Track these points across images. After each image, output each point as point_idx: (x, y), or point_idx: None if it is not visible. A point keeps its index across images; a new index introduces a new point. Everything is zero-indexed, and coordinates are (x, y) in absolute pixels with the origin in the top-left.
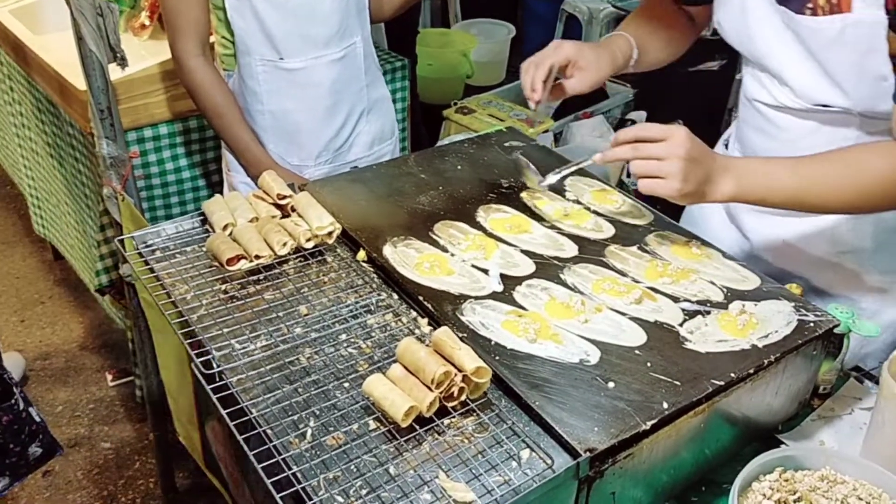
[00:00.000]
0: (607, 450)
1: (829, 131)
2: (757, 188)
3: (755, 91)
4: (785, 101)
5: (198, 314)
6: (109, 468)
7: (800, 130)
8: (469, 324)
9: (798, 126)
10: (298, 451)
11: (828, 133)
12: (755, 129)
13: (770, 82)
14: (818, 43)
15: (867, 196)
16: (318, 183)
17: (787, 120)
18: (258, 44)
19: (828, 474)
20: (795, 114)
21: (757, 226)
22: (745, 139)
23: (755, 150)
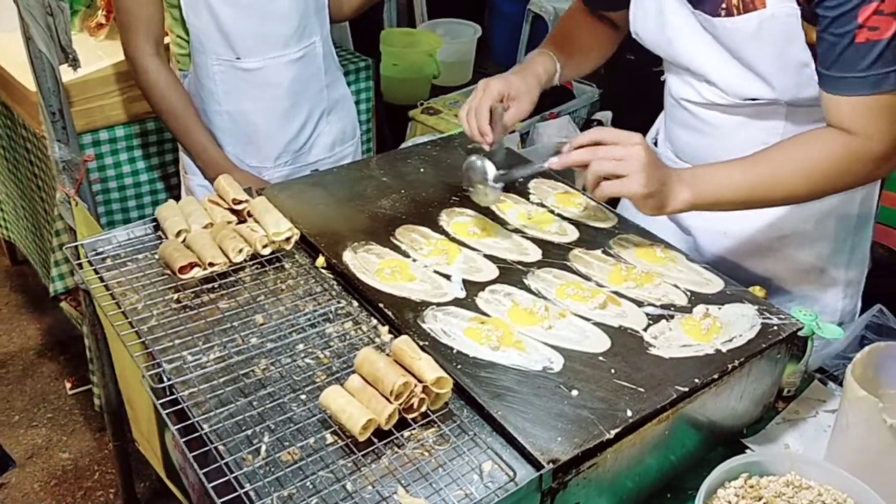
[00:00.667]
0: (571, 460)
1: (758, 124)
2: (711, 193)
3: (681, 91)
4: (713, 98)
5: (148, 325)
6: (68, 479)
7: (729, 125)
8: (430, 331)
9: (727, 122)
10: (251, 469)
11: (757, 126)
12: (685, 127)
13: (696, 82)
14: (737, 41)
15: (815, 186)
16: (276, 187)
17: (716, 116)
18: (214, 43)
19: (793, 479)
20: (724, 110)
21: (698, 220)
22: (675, 138)
23: (686, 147)
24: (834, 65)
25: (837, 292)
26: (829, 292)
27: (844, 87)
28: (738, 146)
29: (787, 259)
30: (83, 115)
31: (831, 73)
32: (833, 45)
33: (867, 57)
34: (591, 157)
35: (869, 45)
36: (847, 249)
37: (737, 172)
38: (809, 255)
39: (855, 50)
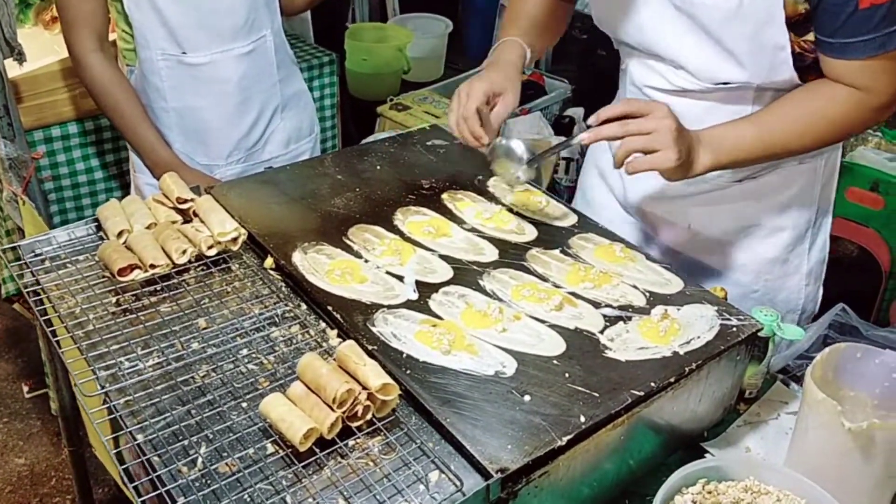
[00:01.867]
0: (521, 469)
1: (725, 109)
2: (728, 153)
3: (646, 78)
4: (682, 83)
5: (85, 329)
6: (23, 485)
7: (696, 113)
8: (380, 335)
9: (694, 108)
10: (185, 481)
11: (723, 112)
12: None
13: (663, 68)
14: (715, 20)
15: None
16: (225, 185)
17: (683, 103)
18: (158, 37)
19: (751, 485)
20: (692, 96)
21: (660, 213)
22: None
23: None
24: (837, 32)
25: (800, 279)
26: (793, 279)
27: (850, 52)
28: None
29: (751, 249)
30: (33, 111)
31: (835, 41)
32: (836, 14)
33: (871, 20)
34: (623, 131)
35: (873, 9)
36: (808, 237)
37: (749, 130)
38: (772, 244)
39: (860, 16)
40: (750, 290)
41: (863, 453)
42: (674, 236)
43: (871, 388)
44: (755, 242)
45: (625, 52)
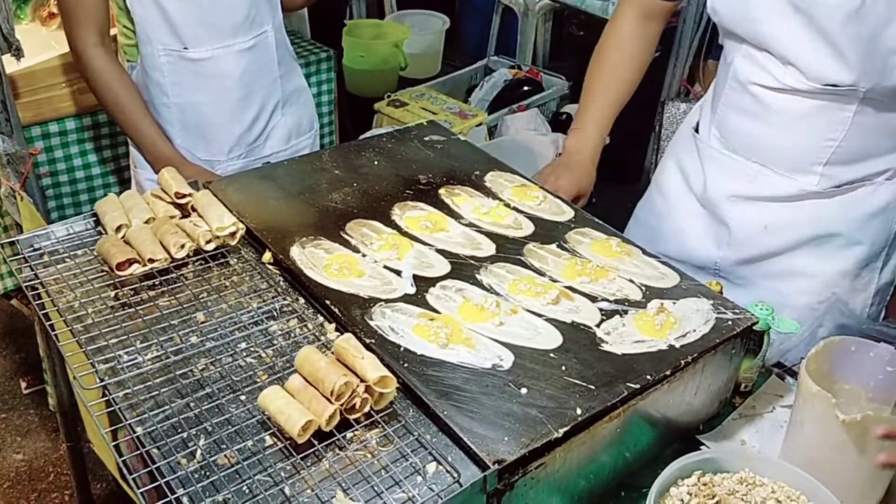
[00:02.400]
0: (517, 460)
1: (826, 115)
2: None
3: (752, 74)
4: (790, 82)
5: (84, 323)
6: (21, 481)
7: (796, 114)
8: (378, 329)
9: (797, 109)
10: (185, 473)
11: (824, 117)
12: (745, 114)
13: (772, 64)
14: (833, 19)
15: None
16: (223, 180)
17: (787, 102)
18: (160, 32)
19: (746, 477)
20: (798, 95)
21: (736, 212)
22: (728, 124)
23: (739, 135)
24: None
25: (867, 298)
26: (860, 297)
27: None
28: (798, 137)
29: (824, 259)
30: (31, 107)
31: None
32: None
33: None
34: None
35: None
36: (884, 255)
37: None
38: (847, 257)
39: None
40: (816, 301)
41: (857, 445)
42: (747, 234)
43: (865, 381)
44: (830, 252)
45: (731, 45)
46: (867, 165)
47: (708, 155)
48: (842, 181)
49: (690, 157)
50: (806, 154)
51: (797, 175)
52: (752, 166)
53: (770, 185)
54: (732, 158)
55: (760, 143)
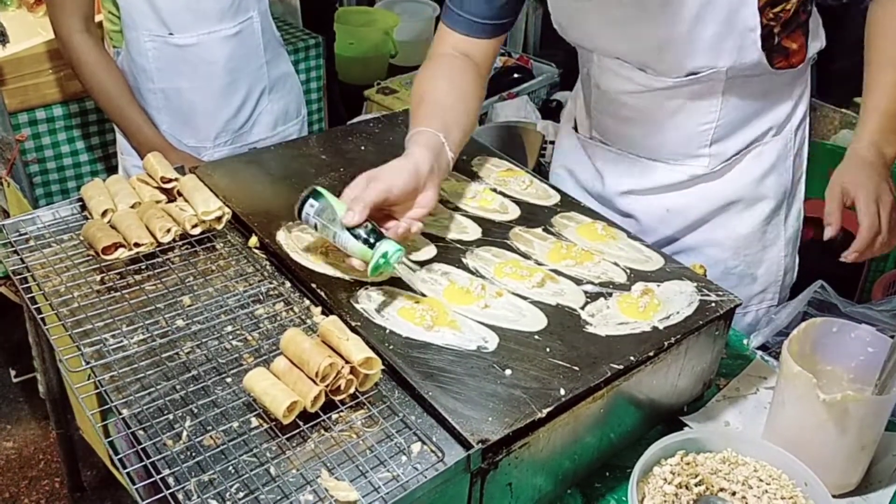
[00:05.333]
0: (501, 440)
1: (695, 105)
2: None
3: (612, 83)
4: (651, 83)
5: (70, 307)
6: (12, 468)
7: (670, 108)
8: (364, 312)
9: (664, 107)
10: (171, 454)
11: (697, 102)
12: (619, 119)
13: (627, 70)
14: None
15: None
16: (209, 165)
17: (652, 102)
18: (145, 18)
19: (729, 456)
20: (661, 93)
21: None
22: (607, 129)
23: (618, 137)
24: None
25: (779, 251)
26: (771, 251)
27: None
28: (677, 130)
29: (730, 226)
30: (17, 94)
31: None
32: None
33: None
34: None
35: None
36: (784, 207)
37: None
38: (750, 218)
39: None
40: (731, 266)
41: (837, 425)
42: (654, 221)
43: (846, 363)
44: (732, 218)
45: (583, 55)
46: (749, 132)
47: (596, 154)
48: (729, 154)
49: (579, 158)
50: (689, 141)
51: (687, 161)
52: (641, 161)
53: (662, 175)
54: (620, 154)
55: (642, 142)
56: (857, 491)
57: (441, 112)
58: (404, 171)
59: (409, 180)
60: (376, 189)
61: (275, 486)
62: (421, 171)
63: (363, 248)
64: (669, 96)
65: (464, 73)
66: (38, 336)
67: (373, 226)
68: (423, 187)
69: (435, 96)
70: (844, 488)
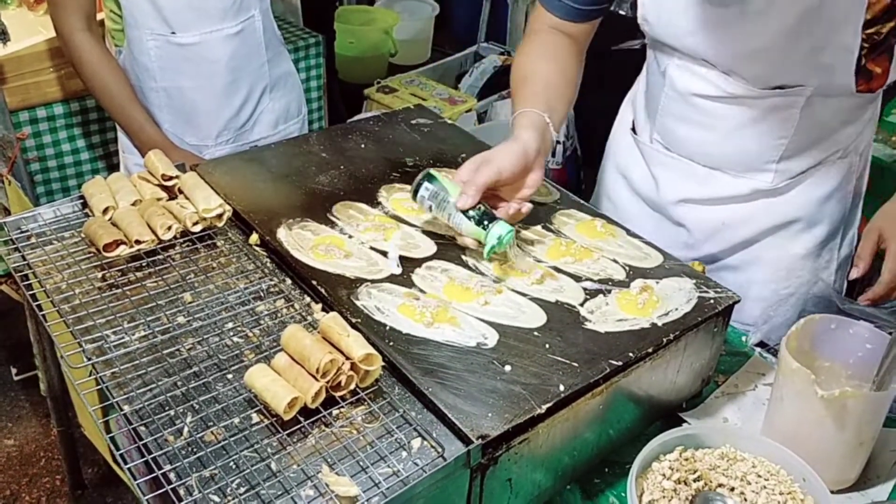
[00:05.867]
0: (501, 436)
1: (776, 114)
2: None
3: (690, 84)
4: (734, 90)
5: (71, 304)
6: (13, 466)
7: (745, 118)
8: (364, 308)
9: (744, 114)
10: (172, 449)
11: (774, 116)
12: (689, 123)
13: (713, 74)
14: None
15: None
16: (210, 163)
17: (733, 109)
18: (147, 17)
19: (728, 452)
20: (742, 102)
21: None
22: (672, 132)
23: (685, 142)
24: None
25: (830, 275)
26: (823, 274)
27: None
28: (748, 141)
29: (785, 246)
30: (18, 92)
31: None
32: None
33: None
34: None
35: None
36: (841, 230)
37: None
38: (805, 240)
39: None
40: (781, 287)
41: (835, 421)
42: (706, 233)
43: (845, 359)
44: (789, 238)
45: (662, 54)
46: (818, 152)
47: (654, 159)
48: (795, 172)
49: (634, 161)
50: (758, 155)
51: (751, 174)
52: (703, 169)
53: (723, 186)
54: (681, 162)
55: (708, 150)
56: (856, 487)
57: (544, 91)
58: (513, 153)
59: (518, 162)
60: (487, 172)
61: (276, 482)
62: (529, 153)
63: (477, 228)
64: (749, 106)
65: (563, 49)
66: (39, 334)
67: (485, 207)
68: (531, 168)
69: (537, 75)
70: (843, 484)
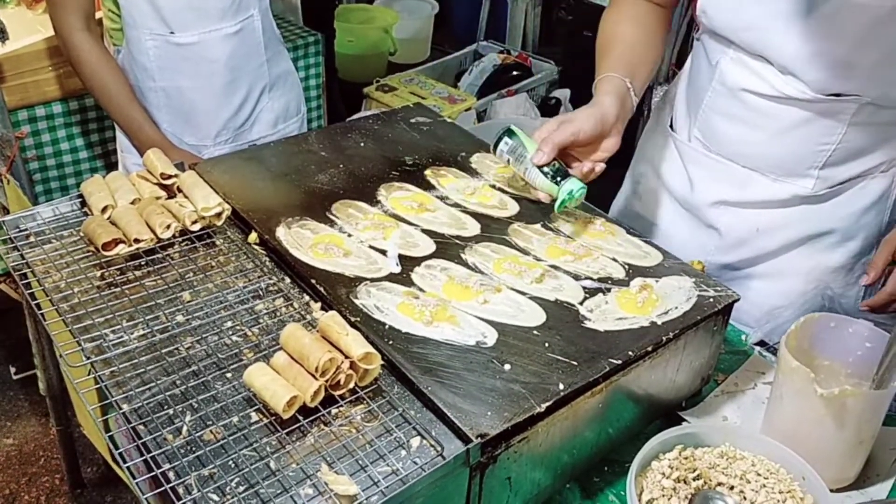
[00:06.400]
0: (500, 434)
1: (822, 122)
2: None
3: (743, 80)
4: (789, 91)
5: (70, 303)
6: (12, 465)
7: (793, 120)
8: (363, 307)
9: (793, 116)
10: (171, 448)
11: (822, 121)
12: (734, 120)
13: (768, 72)
14: (855, 24)
15: None
16: (209, 162)
17: (782, 110)
18: (146, 17)
19: (727, 451)
20: (795, 104)
21: (726, 216)
22: (715, 128)
23: (726, 139)
24: None
25: (859, 291)
26: (852, 290)
27: None
28: (793, 143)
29: (816, 256)
30: (17, 91)
31: None
32: None
33: None
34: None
35: None
36: (876, 245)
37: None
38: (841, 252)
39: None
40: (811, 297)
41: (835, 420)
42: (738, 238)
43: (844, 358)
44: (823, 250)
45: (717, 46)
46: (863, 162)
47: (691, 158)
48: (837, 181)
49: (669, 159)
50: (801, 159)
51: (792, 179)
52: (742, 171)
53: (762, 190)
54: (720, 162)
55: (751, 150)
56: (855, 485)
57: (628, 55)
58: (593, 118)
59: (596, 127)
60: (566, 131)
61: (275, 480)
62: (608, 118)
63: (550, 184)
64: (801, 108)
65: (648, 14)
66: (38, 333)
67: (560, 164)
68: (608, 133)
69: (620, 39)
70: (842, 482)
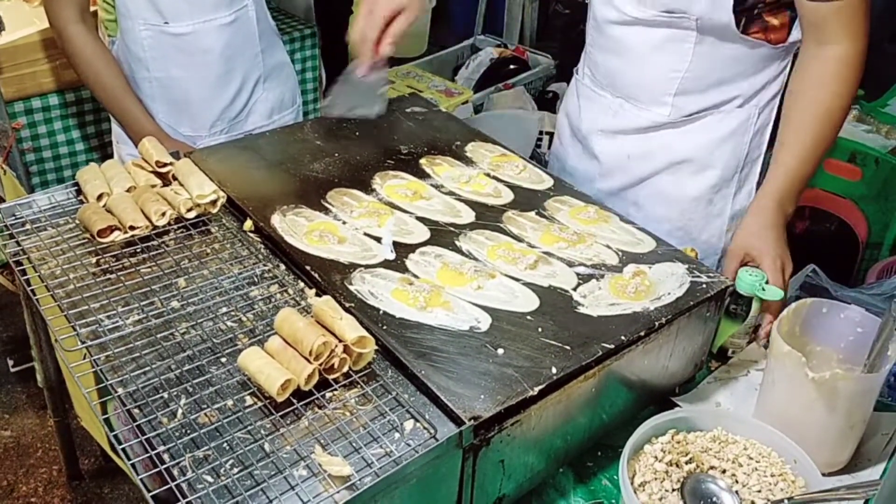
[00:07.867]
0: (493, 417)
1: (672, 46)
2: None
3: (605, 12)
4: (631, 11)
5: (66, 289)
6: (9, 457)
7: (646, 45)
8: (357, 293)
9: (645, 40)
10: (166, 431)
11: (670, 48)
12: (605, 51)
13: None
14: None
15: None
16: (205, 150)
17: (635, 35)
18: (140, 7)
19: (719, 435)
20: (642, 25)
21: (605, 144)
22: (596, 62)
23: (605, 72)
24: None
25: (723, 223)
26: (715, 222)
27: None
28: (649, 70)
29: (680, 185)
30: (13, 82)
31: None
32: None
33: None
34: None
35: None
36: (735, 182)
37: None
38: (699, 182)
39: None
40: (675, 227)
41: (826, 404)
42: (613, 164)
43: (836, 343)
44: (683, 178)
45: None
46: (714, 94)
47: (583, 93)
48: (691, 111)
49: (572, 98)
50: (657, 86)
51: (652, 107)
52: (615, 101)
53: (629, 118)
54: (601, 95)
55: (619, 79)
56: (847, 469)
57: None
58: None
59: None
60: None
61: (269, 462)
62: None
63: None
64: (649, 28)
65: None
66: (35, 324)
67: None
68: None
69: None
70: (834, 466)
